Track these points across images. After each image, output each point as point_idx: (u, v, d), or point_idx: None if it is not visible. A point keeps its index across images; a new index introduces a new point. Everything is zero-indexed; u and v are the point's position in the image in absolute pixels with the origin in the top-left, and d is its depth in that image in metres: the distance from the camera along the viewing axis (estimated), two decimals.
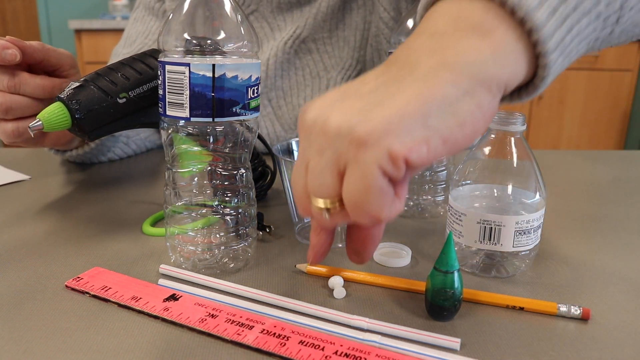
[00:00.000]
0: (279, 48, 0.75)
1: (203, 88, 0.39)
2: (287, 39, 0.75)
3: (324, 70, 0.76)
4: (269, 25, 0.77)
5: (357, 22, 0.74)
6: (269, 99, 0.77)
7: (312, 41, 0.75)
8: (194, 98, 0.39)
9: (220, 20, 0.40)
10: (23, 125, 0.51)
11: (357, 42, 0.74)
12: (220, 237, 0.44)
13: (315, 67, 0.76)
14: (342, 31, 0.75)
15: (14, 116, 0.50)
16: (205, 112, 0.40)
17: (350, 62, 0.75)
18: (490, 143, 0.44)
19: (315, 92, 0.76)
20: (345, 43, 0.75)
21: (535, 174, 0.44)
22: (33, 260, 0.46)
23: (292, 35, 0.75)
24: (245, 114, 0.41)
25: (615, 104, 2.86)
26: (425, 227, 0.55)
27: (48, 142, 0.56)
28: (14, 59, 0.48)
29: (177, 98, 0.40)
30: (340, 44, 0.75)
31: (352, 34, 0.74)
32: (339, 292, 0.41)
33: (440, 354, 0.34)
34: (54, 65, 0.54)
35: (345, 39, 0.75)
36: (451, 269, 0.37)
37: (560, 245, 0.51)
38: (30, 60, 0.52)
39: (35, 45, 0.51)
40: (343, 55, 0.75)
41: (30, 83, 0.50)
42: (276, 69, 0.76)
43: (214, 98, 0.39)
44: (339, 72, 0.75)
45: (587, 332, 0.37)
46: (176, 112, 0.40)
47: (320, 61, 0.76)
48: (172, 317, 0.37)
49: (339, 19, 0.75)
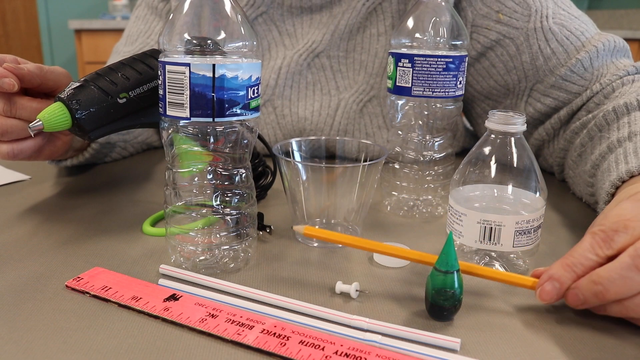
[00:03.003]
0: (292, 59, 0.75)
1: (203, 88, 0.39)
2: (302, 51, 0.75)
3: (336, 89, 0.75)
4: (277, 29, 0.76)
5: (377, 49, 0.73)
6: (274, 106, 0.76)
7: (326, 57, 0.75)
8: (195, 98, 0.39)
9: (221, 20, 0.40)
10: (18, 147, 0.51)
11: (374, 69, 0.74)
12: (220, 237, 0.44)
13: (327, 84, 0.76)
14: (359, 54, 0.74)
15: (10, 138, 0.50)
16: (205, 112, 0.40)
17: (364, 87, 0.74)
18: (490, 143, 0.44)
19: (323, 108, 0.75)
20: (362, 67, 0.74)
21: (535, 174, 0.44)
22: (33, 260, 0.46)
23: (308, 49, 0.75)
24: (245, 114, 0.41)
25: None
26: (425, 227, 0.55)
27: (42, 157, 0.56)
28: (12, 89, 0.48)
29: (177, 98, 0.40)
30: (356, 67, 0.75)
31: (371, 60, 0.74)
32: (354, 293, 0.41)
33: (440, 354, 0.34)
34: (51, 87, 0.54)
35: (362, 63, 0.74)
36: (451, 269, 0.37)
37: (560, 245, 0.51)
38: (28, 85, 0.51)
39: (33, 70, 0.51)
40: (358, 79, 0.75)
41: (27, 107, 0.50)
42: (287, 78, 0.75)
43: (214, 98, 0.39)
44: (352, 94, 0.75)
45: (588, 333, 0.37)
46: (176, 112, 0.40)
47: (332, 79, 0.75)
48: (173, 317, 0.37)
49: (357, 42, 0.74)
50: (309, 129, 0.75)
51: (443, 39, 0.53)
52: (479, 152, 0.45)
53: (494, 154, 0.44)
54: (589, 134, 0.60)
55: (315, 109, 0.75)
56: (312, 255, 0.48)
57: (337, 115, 0.74)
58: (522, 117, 0.43)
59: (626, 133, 0.53)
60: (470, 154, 0.46)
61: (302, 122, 0.75)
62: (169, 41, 0.40)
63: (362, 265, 0.46)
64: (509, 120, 0.43)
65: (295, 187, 0.49)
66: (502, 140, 0.44)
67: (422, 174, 0.57)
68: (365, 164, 0.47)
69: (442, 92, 0.53)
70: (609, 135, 0.56)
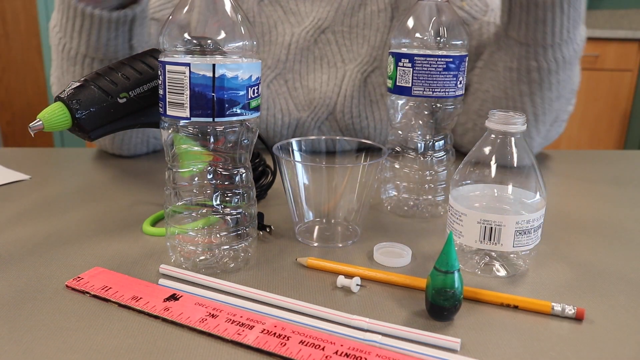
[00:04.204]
0: (300, 35, 0.81)
1: (203, 88, 0.39)
2: (309, 28, 0.82)
3: (342, 62, 0.82)
4: (282, 8, 0.83)
5: (378, 24, 0.81)
6: (286, 79, 0.82)
7: (331, 33, 0.82)
8: (194, 98, 0.39)
9: (221, 20, 0.40)
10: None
11: (377, 43, 0.81)
12: (220, 237, 0.44)
13: (333, 57, 0.82)
14: (361, 29, 0.82)
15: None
16: (205, 112, 0.40)
17: (368, 59, 0.81)
18: (490, 143, 0.44)
19: (331, 79, 0.82)
20: (365, 41, 0.82)
21: (535, 174, 0.44)
22: (33, 260, 0.46)
23: (314, 26, 0.82)
24: (245, 114, 0.41)
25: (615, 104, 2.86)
26: (425, 227, 0.55)
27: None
28: None
29: (177, 98, 0.40)
30: (360, 41, 0.82)
31: (373, 34, 0.81)
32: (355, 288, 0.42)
33: (441, 354, 0.34)
34: None
35: (365, 37, 0.82)
36: (451, 269, 0.37)
37: (560, 245, 0.51)
38: None
39: None
40: (362, 52, 0.82)
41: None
42: (296, 54, 0.82)
43: (214, 98, 0.39)
44: (356, 65, 0.81)
45: (588, 333, 0.37)
46: (176, 112, 0.40)
47: (338, 53, 0.82)
48: (173, 317, 0.37)
49: (359, 18, 0.82)
50: (319, 97, 0.81)
51: (443, 38, 0.53)
52: (479, 152, 0.45)
53: (494, 154, 0.44)
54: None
55: (323, 81, 0.82)
56: (312, 255, 0.48)
57: (343, 84, 0.81)
58: (522, 117, 0.43)
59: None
60: (470, 154, 0.46)
61: (312, 93, 0.82)
62: (168, 41, 0.40)
63: (363, 265, 0.46)
64: (509, 120, 0.43)
65: (295, 187, 0.49)
66: (502, 140, 0.44)
67: (422, 174, 0.57)
68: (365, 163, 0.47)
69: (442, 92, 0.53)
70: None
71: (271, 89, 0.82)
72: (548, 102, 0.72)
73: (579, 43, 0.70)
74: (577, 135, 2.90)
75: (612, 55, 2.78)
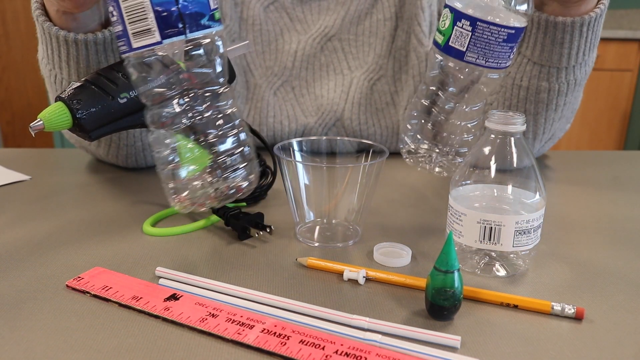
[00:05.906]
0: (307, 42, 0.82)
1: (167, 5, 0.38)
2: (315, 35, 0.82)
3: (348, 69, 0.83)
4: (288, 15, 0.83)
5: (384, 32, 0.82)
6: (293, 86, 0.83)
7: (337, 40, 0.82)
8: (160, 18, 0.38)
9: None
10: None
11: (382, 51, 0.82)
12: (222, 169, 0.43)
13: (340, 65, 0.83)
14: (367, 37, 0.83)
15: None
16: (175, 30, 0.38)
17: (374, 67, 0.82)
18: (490, 143, 0.44)
19: (338, 86, 0.82)
20: (371, 49, 0.83)
21: (535, 174, 0.44)
22: (33, 260, 0.46)
23: (321, 33, 0.82)
24: (213, 25, 0.40)
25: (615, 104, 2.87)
26: (425, 227, 0.55)
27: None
28: None
29: (141, 25, 0.38)
30: (366, 49, 0.83)
31: (379, 42, 0.82)
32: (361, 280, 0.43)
33: (441, 353, 0.34)
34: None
35: (371, 45, 0.83)
36: (451, 268, 0.37)
37: (560, 245, 0.51)
38: None
39: None
40: (368, 59, 0.83)
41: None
42: (302, 61, 0.82)
43: (180, 13, 0.38)
44: (363, 73, 0.82)
45: (588, 332, 0.37)
46: (145, 40, 0.39)
47: (344, 60, 0.83)
48: (173, 317, 0.37)
49: (365, 27, 0.83)
50: (326, 104, 0.82)
51: (513, 5, 0.48)
52: (479, 152, 0.45)
53: (494, 154, 0.44)
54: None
55: (330, 88, 0.82)
56: (313, 255, 0.48)
57: (350, 91, 0.82)
58: (522, 117, 0.43)
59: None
60: (470, 154, 0.46)
61: (319, 99, 0.82)
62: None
63: (363, 265, 0.46)
64: (509, 120, 0.43)
65: (296, 187, 0.49)
66: (502, 140, 0.44)
67: (446, 120, 0.53)
68: (365, 164, 0.47)
69: (495, 63, 0.49)
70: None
71: (278, 96, 0.82)
72: (550, 122, 0.71)
73: (590, 65, 0.68)
74: (577, 135, 2.90)
75: (612, 55, 2.78)
